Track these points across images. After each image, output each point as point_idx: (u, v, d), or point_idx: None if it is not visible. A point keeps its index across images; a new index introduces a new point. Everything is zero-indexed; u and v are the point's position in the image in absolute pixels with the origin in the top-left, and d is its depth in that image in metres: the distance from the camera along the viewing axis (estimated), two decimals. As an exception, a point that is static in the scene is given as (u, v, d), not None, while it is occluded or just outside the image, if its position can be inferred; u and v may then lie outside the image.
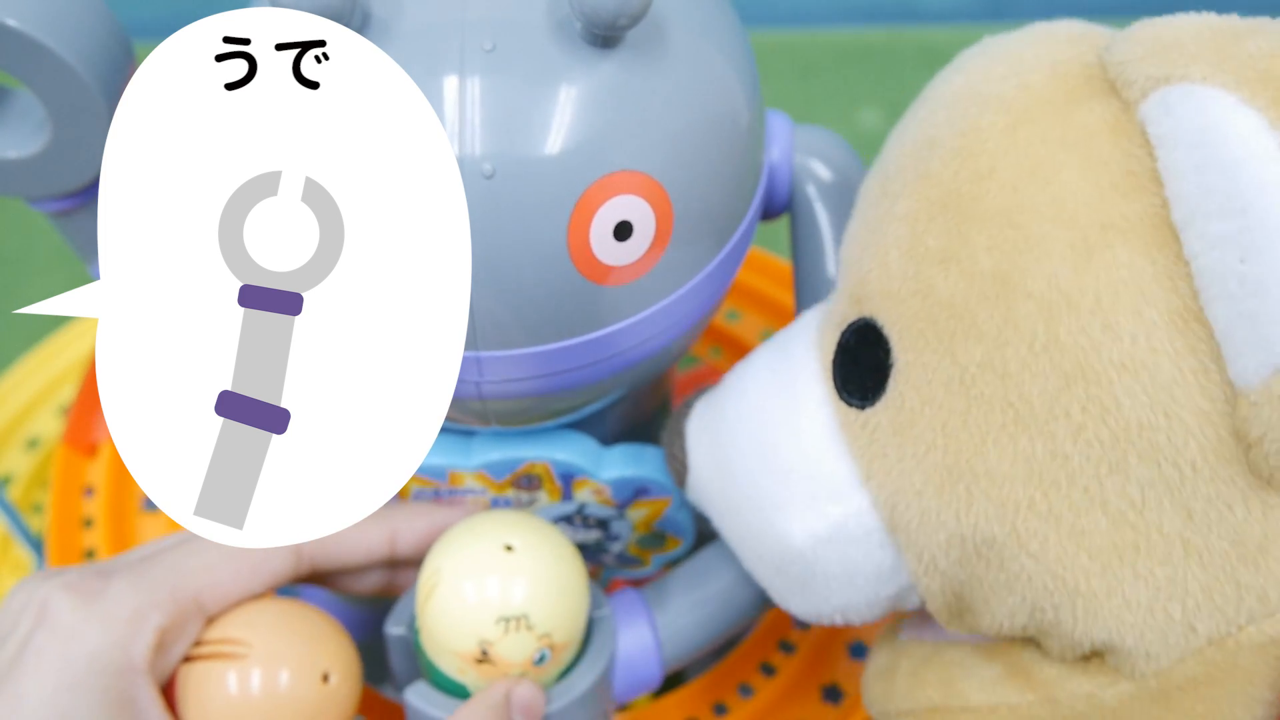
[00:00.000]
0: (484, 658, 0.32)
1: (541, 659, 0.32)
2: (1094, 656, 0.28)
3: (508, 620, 0.32)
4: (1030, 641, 0.30)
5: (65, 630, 0.30)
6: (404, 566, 0.36)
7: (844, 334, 0.30)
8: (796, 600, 0.32)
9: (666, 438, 0.35)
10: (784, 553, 0.31)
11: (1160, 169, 0.25)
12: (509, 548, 0.32)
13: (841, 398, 0.30)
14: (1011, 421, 0.26)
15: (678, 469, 0.34)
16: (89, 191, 0.33)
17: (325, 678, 0.32)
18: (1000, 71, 0.29)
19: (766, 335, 0.52)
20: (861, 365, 0.29)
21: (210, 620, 0.32)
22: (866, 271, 0.30)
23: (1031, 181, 0.26)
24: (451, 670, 0.33)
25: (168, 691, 0.32)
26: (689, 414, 0.34)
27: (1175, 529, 0.25)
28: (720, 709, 0.41)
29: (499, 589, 0.32)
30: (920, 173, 0.29)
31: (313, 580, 0.35)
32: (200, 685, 0.31)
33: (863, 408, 0.29)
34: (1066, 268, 0.26)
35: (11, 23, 0.30)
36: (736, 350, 0.53)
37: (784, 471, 0.30)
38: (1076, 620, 0.27)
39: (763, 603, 0.36)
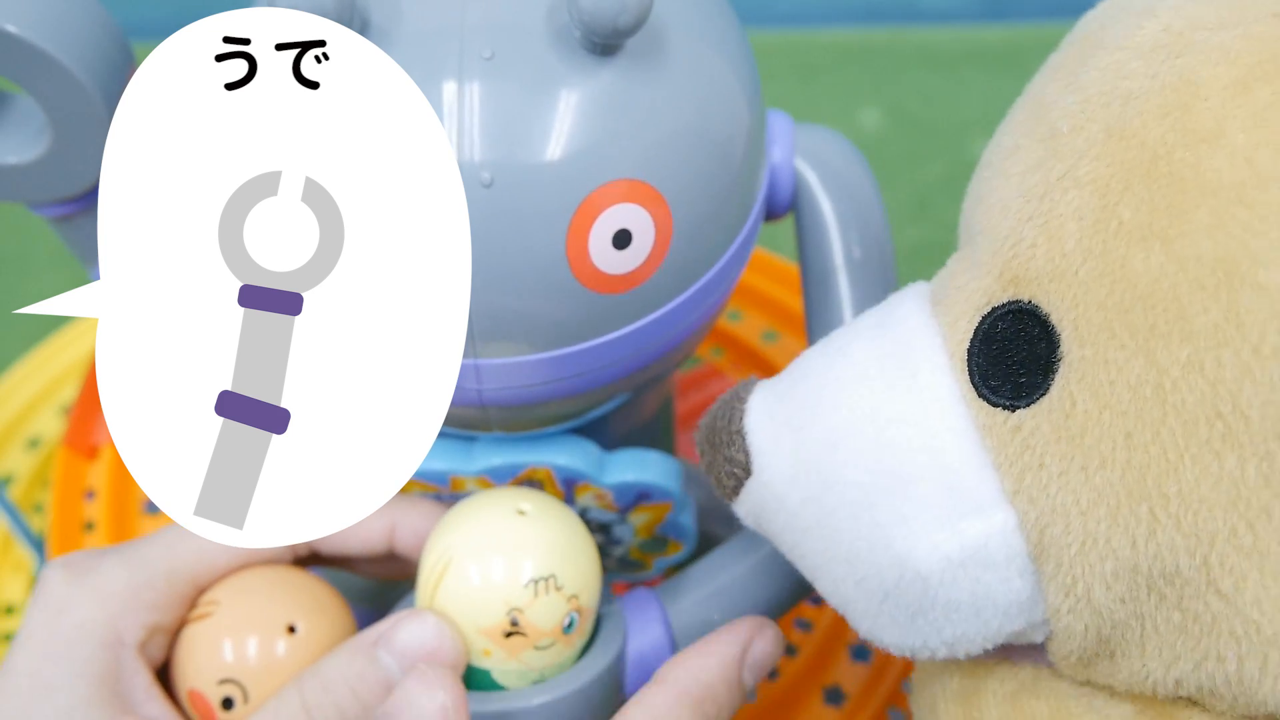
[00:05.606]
0: (514, 628, 0.30)
1: (570, 625, 0.31)
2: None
3: (537, 582, 0.30)
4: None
5: (55, 603, 0.30)
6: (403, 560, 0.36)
7: (988, 319, 0.26)
8: (897, 631, 0.27)
9: (709, 437, 0.30)
10: (901, 576, 0.26)
11: None
12: (521, 512, 0.31)
13: (982, 395, 0.26)
14: (1218, 437, 0.22)
15: (733, 475, 0.29)
16: (90, 196, 0.33)
17: (291, 629, 0.32)
18: (1211, 18, 0.24)
19: (767, 335, 0.53)
20: (1013, 358, 0.25)
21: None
22: (1029, 246, 0.25)
23: (1272, 151, 0.22)
24: (474, 654, 0.31)
25: (169, 665, 0.32)
26: (744, 410, 0.29)
27: None
28: (721, 710, 0.41)
29: (524, 551, 0.31)
30: (1111, 130, 0.24)
31: (313, 563, 0.35)
32: (180, 646, 0.32)
33: (1013, 408, 0.25)
34: None
35: (11, 28, 0.30)
36: (737, 350, 0.53)
37: (908, 480, 0.26)
38: (1266, 675, 0.23)
39: (779, 603, 0.36)
